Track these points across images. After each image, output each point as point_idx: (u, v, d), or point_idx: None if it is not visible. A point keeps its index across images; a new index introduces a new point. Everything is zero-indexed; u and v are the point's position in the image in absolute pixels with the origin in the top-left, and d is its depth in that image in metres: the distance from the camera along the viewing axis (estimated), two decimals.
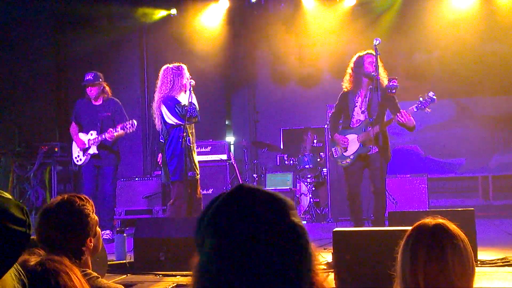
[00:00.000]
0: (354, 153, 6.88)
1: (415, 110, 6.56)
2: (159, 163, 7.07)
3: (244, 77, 12.17)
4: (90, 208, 2.74)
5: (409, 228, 4.06)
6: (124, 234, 6.22)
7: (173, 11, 11.09)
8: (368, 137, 6.65)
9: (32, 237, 1.44)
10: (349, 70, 6.96)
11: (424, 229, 2.03)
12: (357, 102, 6.89)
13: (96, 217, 2.79)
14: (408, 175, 9.23)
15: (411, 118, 6.52)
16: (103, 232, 7.31)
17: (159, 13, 11.12)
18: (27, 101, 10.38)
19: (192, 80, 6.83)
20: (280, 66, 12.17)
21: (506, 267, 4.94)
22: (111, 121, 7.93)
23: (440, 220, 2.06)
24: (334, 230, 4.55)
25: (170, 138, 6.77)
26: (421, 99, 6.52)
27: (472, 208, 5.51)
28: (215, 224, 1.26)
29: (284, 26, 11.05)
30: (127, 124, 7.58)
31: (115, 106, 8.03)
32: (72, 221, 2.65)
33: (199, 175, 6.93)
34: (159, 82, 6.93)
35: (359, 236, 4.51)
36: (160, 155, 7.02)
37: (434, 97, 6.51)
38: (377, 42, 6.52)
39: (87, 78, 7.93)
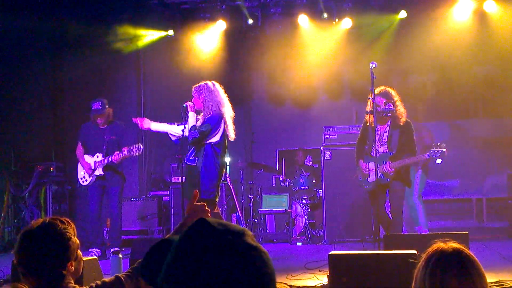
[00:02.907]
0: (374, 181, 7.14)
1: (427, 157, 7.22)
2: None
3: (240, 98, 12.21)
4: (71, 231, 2.68)
5: (405, 252, 4.09)
6: (120, 255, 6.18)
7: (170, 32, 11.15)
8: (387, 170, 7.08)
9: None
10: (369, 103, 7.18)
11: (447, 255, 2.06)
12: (377, 135, 7.23)
13: (78, 241, 2.73)
14: None
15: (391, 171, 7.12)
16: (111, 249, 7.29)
17: (156, 34, 11.18)
18: (22, 120, 10.38)
19: (188, 102, 6.86)
20: (276, 87, 12.20)
21: None
22: (116, 143, 8.21)
23: (455, 245, 2.09)
24: (330, 253, 4.57)
25: None
26: (432, 150, 7.12)
27: (467, 232, 5.54)
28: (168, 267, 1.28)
29: (280, 47, 11.11)
30: (133, 148, 7.85)
31: (120, 130, 8.36)
32: (53, 244, 2.59)
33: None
34: None
35: (355, 259, 4.53)
36: None
37: (444, 149, 7.09)
38: (373, 66, 6.62)
39: (95, 107, 8.19)
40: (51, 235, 2.59)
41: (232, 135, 6.95)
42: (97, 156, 8.22)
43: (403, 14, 10.53)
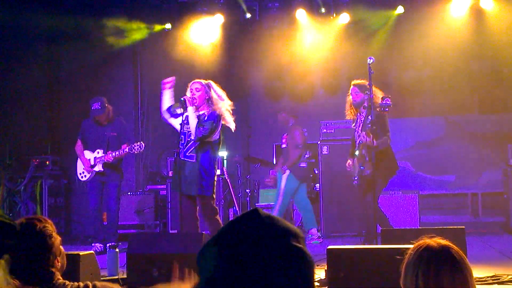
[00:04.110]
0: (357, 173, 7.29)
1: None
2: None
3: (237, 92, 12.18)
4: (51, 228, 2.65)
5: (403, 246, 4.09)
6: (117, 250, 6.17)
7: (168, 25, 11.11)
8: (361, 157, 7.14)
9: None
10: (348, 98, 7.54)
11: (438, 252, 2.07)
12: (356, 127, 7.33)
13: (59, 237, 2.70)
14: (400, 192, 9.27)
15: (370, 139, 6.90)
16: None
17: (154, 28, 11.14)
18: (18, 114, 10.35)
19: (186, 96, 6.84)
20: (274, 82, 12.19)
21: (496, 285, 4.96)
22: (117, 140, 8.28)
23: (443, 242, 2.11)
24: (328, 247, 4.58)
25: None
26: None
27: (463, 226, 5.56)
28: (219, 249, 1.28)
29: (278, 42, 11.09)
30: (135, 146, 7.94)
31: (121, 126, 8.44)
32: (36, 245, 2.56)
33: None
34: None
35: (353, 254, 4.54)
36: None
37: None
38: (371, 60, 6.62)
39: (95, 108, 8.24)
40: (32, 236, 2.56)
41: (232, 126, 7.03)
42: (98, 152, 8.25)
43: (400, 9, 10.52)
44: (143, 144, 7.92)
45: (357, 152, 7.21)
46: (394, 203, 9.14)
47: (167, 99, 7.03)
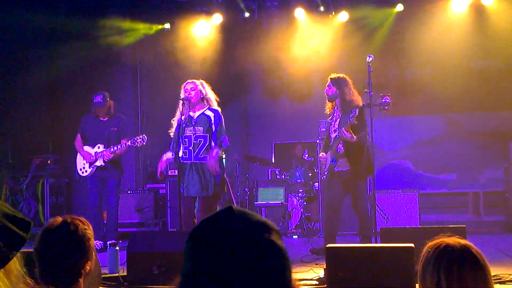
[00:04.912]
0: (327, 167, 7.23)
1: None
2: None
3: (236, 91, 12.20)
4: (90, 232, 2.72)
5: (403, 245, 4.09)
6: (117, 248, 6.21)
7: (167, 25, 11.13)
8: (335, 152, 7.12)
9: None
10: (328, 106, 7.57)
11: (454, 252, 2.09)
12: (332, 122, 7.32)
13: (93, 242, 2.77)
14: (399, 191, 9.26)
15: (350, 135, 6.81)
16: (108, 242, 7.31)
17: (153, 28, 11.15)
18: (20, 114, 10.37)
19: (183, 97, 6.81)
20: (272, 81, 12.20)
21: (498, 285, 4.95)
22: (117, 135, 8.34)
23: (462, 241, 2.13)
24: (327, 246, 4.58)
25: None
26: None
27: (464, 225, 5.55)
28: (193, 244, 1.29)
29: (277, 41, 11.10)
30: (137, 139, 7.95)
31: (121, 122, 8.48)
32: (76, 245, 2.62)
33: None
34: None
35: (352, 252, 4.53)
36: None
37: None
38: (370, 59, 6.62)
39: (97, 100, 8.29)
40: (75, 236, 2.63)
41: None
42: (98, 147, 8.29)
43: (399, 7, 10.52)
44: (146, 137, 7.91)
45: (332, 148, 7.18)
46: (394, 202, 9.13)
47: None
